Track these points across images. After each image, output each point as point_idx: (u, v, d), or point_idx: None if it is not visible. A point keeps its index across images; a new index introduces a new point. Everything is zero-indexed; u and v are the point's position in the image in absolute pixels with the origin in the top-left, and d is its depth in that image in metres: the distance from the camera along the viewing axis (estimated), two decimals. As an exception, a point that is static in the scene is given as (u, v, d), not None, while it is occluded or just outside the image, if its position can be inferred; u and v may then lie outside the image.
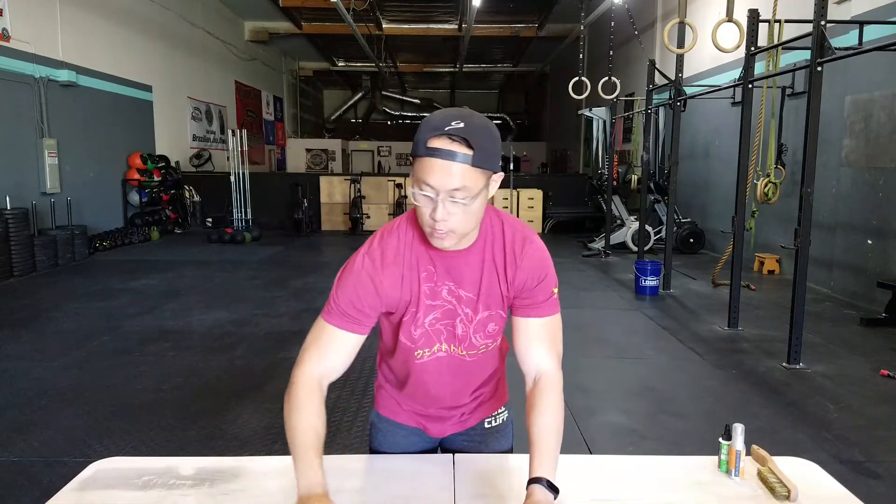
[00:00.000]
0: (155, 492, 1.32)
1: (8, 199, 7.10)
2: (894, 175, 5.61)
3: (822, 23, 4.00)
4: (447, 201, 1.13)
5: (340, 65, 21.42)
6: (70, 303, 5.90)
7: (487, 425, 1.52)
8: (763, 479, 1.37)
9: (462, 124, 1.11)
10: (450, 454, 1.49)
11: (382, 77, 21.43)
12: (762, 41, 5.12)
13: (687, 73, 8.46)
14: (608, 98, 9.37)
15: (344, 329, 1.25)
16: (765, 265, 7.56)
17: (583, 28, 11.06)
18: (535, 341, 1.31)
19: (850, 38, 5.11)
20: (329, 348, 1.26)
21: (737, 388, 3.88)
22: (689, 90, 7.18)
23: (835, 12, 5.91)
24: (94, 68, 9.24)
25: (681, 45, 6.66)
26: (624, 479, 1.40)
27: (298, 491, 1.14)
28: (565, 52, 17.40)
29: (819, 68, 4.05)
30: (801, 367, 4.18)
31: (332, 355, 1.26)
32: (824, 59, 4.00)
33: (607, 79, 9.19)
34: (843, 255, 6.26)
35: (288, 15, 15.03)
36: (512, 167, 11.88)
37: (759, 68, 6.02)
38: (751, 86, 5.02)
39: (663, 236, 7.63)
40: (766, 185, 5.97)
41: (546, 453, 1.21)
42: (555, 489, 1.17)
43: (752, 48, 4.93)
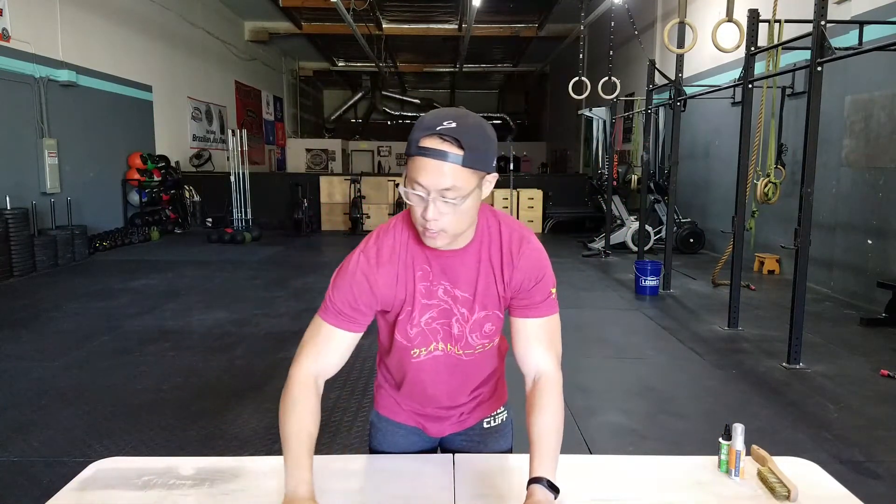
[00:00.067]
0: (155, 492, 1.32)
1: (8, 199, 7.10)
2: (894, 175, 5.61)
3: (822, 23, 4.00)
4: (438, 201, 1.13)
5: (340, 65, 21.43)
6: (70, 303, 5.90)
7: (486, 425, 1.52)
8: (763, 479, 1.37)
9: (454, 124, 1.11)
10: (450, 454, 1.49)
11: (382, 77, 21.43)
12: (762, 41, 5.12)
13: (687, 73, 8.46)
14: (608, 98, 9.37)
15: (340, 327, 1.26)
16: (765, 265, 7.56)
17: (583, 28, 11.06)
18: (534, 342, 1.30)
19: (850, 38, 5.11)
20: (326, 346, 1.27)
21: (737, 388, 3.88)
22: (689, 90, 7.18)
23: (835, 12, 5.91)
24: (94, 68, 9.24)
25: (681, 45, 6.66)
26: (624, 479, 1.40)
27: (285, 490, 1.16)
28: (565, 52, 17.40)
29: (819, 68, 4.05)
30: (801, 367, 4.18)
31: (328, 353, 1.27)
32: (824, 59, 4.00)
33: (607, 79, 9.19)
34: (843, 255, 6.26)
35: (288, 15, 15.03)
36: (512, 167, 11.88)
37: (759, 68, 6.02)
38: (751, 86, 5.02)
39: (663, 236, 7.63)
40: (766, 185, 5.97)
41: (546, 453, 1.21)
42: (555, 489, 1.17)
43: (752, 48, 4.93)
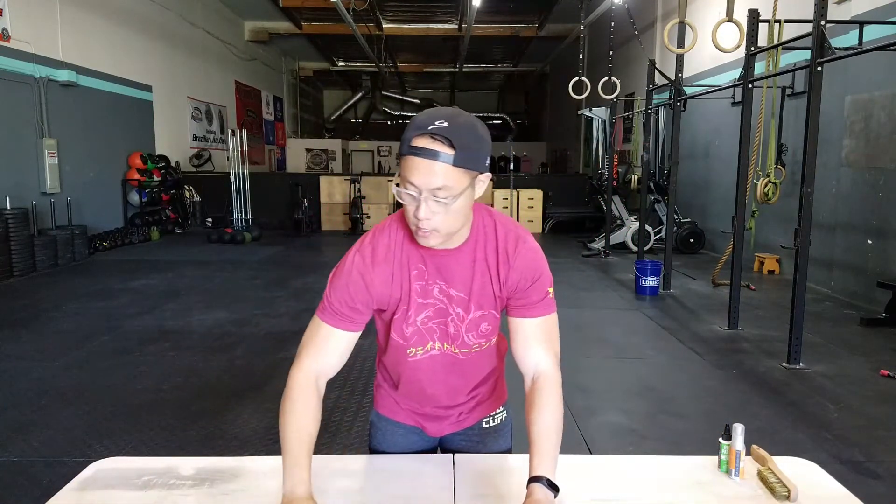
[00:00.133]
0: (155, 492, 1.32)
1: (8, 199, 7.10)
2: (894, 175, 5.61)
3: (822, 23, 4.00)
4: (430, 200, 1.13)
5: (340, 65, 21.42)
6: (70, 303, 5.90)
7: (486, 425, 1.52)
8: (763, 479, 1.37)
9: (445, 124, 1.11)
10: (450, 454, 1.49)
11: (382, 77, 21.42)
12: (762, 41, 5.12)
13: (687, 73, 8.46)
14: (608, 98, 9.37)
15: (338, 327, 1.27)
16: (765, 265, 7.56)
17: (583, 28, 11.06)
18: (532, 341, 1.31)
19: (850, 38, 5.11)
20: (325, 347, 1.27)
21: (737, 388, 3.88)
22: (689, 90, 7.18)
23: (835, 12, 5.90)
24: (94, 68, 9.24)
25: (681, 45, 6.66)
26: (624, 479, 1.40)
27: (283, 490, 1.17)
28: (565, 52, 17.40)
29: (819, 68, 4.05)
30: (801, 367, 4.18)
31: (328, 353, 1.28)
32: (824, 59, 4.00)
33: (607, 79, 9.19)
34: (843, 255, 6.26)
35: (288, 15, 15.03)
36: (512, 167, 11.89)
37: (759, 68, 6.02)
38: (751, 86, 5.02)
39: (663, 236, 7.63)
40: (766, 185, 5.97)
41: (546, 452, 1.21)
42: (555, 488, 1.17)
43: (752, 48, 4.93)
